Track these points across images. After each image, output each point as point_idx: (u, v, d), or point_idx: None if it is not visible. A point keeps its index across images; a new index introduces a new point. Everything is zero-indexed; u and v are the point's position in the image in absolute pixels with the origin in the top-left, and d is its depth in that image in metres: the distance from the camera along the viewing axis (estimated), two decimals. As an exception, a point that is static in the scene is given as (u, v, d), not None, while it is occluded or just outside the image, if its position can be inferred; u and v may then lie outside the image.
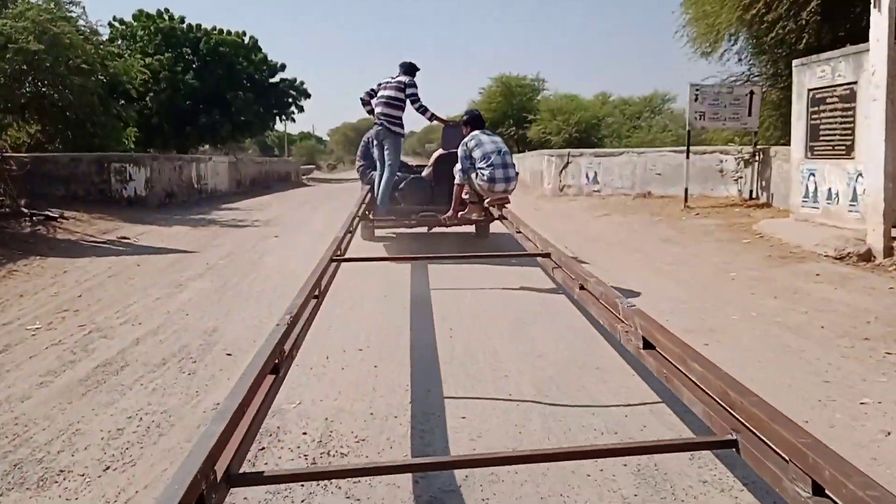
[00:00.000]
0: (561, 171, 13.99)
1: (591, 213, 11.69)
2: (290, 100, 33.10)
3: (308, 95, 33.35)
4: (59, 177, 11.19)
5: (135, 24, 29.43)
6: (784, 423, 1.56)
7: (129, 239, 8.89)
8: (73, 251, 7.86)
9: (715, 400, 1.87)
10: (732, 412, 1.79)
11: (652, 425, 2.95)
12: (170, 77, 27.69)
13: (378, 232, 8.41)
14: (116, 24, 29.73)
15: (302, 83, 33.15)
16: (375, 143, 7.71)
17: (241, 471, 1.74)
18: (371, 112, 7.71)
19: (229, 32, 30.26)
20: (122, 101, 15.31)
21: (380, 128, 7.52)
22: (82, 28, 13.21)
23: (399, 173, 7.75)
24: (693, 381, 2.01)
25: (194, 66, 29.28)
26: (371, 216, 7.58)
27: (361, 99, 7.90)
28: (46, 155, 11.73)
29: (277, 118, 33.50)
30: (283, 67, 32.47)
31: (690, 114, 10.73)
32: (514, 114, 43.05)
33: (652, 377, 2.67)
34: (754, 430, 1.67)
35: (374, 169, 7.80)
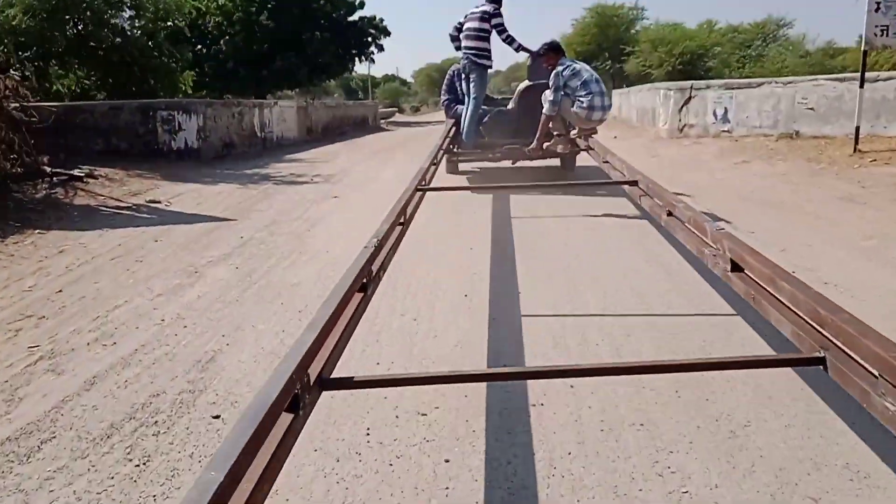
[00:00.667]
0: (681, 108, 11.55)
1: (725, 161, 9.34)
2: (370, 39, 31.20)
3: (388, 33, 31.36)
4: (98, 128, 9.79)
5: (207, -37, 27.99)
6: (875, 338, 1.52)
7: (159, 203, 7.37)
8: (85, 221, 6.38)
9: (803, 319, 1.84)
10: (822, 330, 1.74)
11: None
12: (244, 19, 26.29)
13: (462, 166, 8.42)
14: (189, -36, 28.44)
15: (381, 20, 31.14)
16: (462, 76, 7.69)
17: (333, 376, 1.82)
18: (459, 48, 7.58)
19: (304, -32, 28.41)
20: (179, 42, 13.77)
21: (465, 61, 7.48)
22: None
23: (484, 107, 7.68)
24: (781, 302, 1.99)
25: (269, 6, 27.74)
26: (455, 149, 7.54)
27: (450, 35, 7.71)
28: (81, 104, 10.37)
29: (357, 59, 31.73)
30: (361, 5, 30.49)
31: (869, 29, 8.09)
32: (610, 47, 39.59)
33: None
34: (843, 347, 1.64)
35: (460, 103, 7.83)
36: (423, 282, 4.09)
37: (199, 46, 28.18)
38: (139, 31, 11.04)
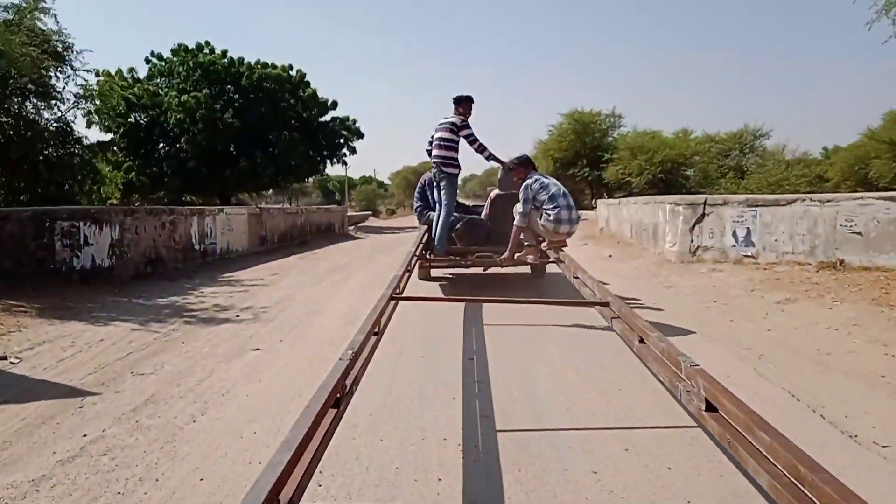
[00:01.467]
0: (693, 227, 9.82)
1: (761, 298, 7.46)
2: (342, 140, 29.99)
3: (361, 135, 30.23)
4: (-29, 243, 7.72)
5: (174, 59, 26.93)
6: (856, 503, 1.50)
7: (4, 359, 5.20)
8: None
9: (783, 472, 1.81)
10: (802, 487, 1.72)
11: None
12: (207, 117, 24.88)
13: (434, 272, 8.60)
14: (154, 59, 27.36)
15: (354, 121, 30.06)
16: (434, 183, 7.87)
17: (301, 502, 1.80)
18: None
19: (274, 66, 27.44)
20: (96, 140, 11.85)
21: (435, 169, 7.67)
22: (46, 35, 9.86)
23: (456, 213, 7.80)
24: (759, 451, 1.94)
25: (236, 103, 26.49)
26: (428, 255, 7.63)
27: (426, 150, 7.89)
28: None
29: (329, 161, 30.38)
30: (334, 105, 29.47)
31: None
32: (587, 153, 38.95)
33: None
34: None
35: (432, 209, 8.01)
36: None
37: (162, 144, 26.65)
38: (52, 122, 9.18)
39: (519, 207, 6.72)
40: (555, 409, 3.88)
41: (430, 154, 7.81)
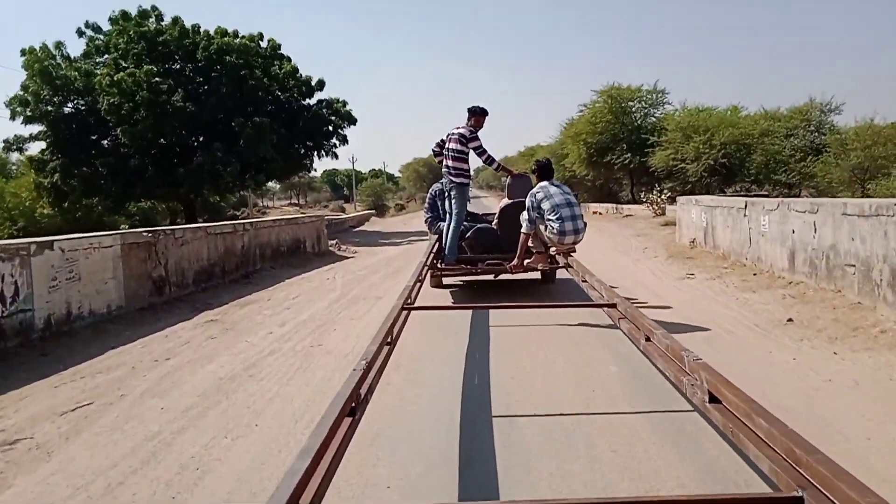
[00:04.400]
0: None
1: None
2: (331, 128, 24.24)
3: (353, 121, 24.42)
4: None
5: (112, 29, 21.26)
6: (851, 482, 1.59)
7: None
8: None
9: (781, 455, 1.92)
10: (798, 469, 1.81)
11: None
12: (151, 100, 19.21)
13: (445, 280, 8.52)
14: (90, 31, 21.70)
15: (345, 104, 24.25)
16: (446, 193, 7.95)
17: None
18: (441, 163, 7.95)
19: (238, 35, 21.68)
20: None
21: (445, 180, 7.87)
22: None
23: (466, 222, 7.95)
24: (759, 437, 2.07)
25: (189, 83, 20.84)
26: (439, 265, 7.64)
27: (433, 150, 8.21)
28: None
29: (314, 154, 24.65)
30: (320, 86, 23.66)
31: None
32: (626, 136, 32.91)
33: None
34: (820, 487, 1.69)
35: (442, 220, 8.13)
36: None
37: (97, 137, 21.05)
38: None
39: (525, 215, 6.86)
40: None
41: (435, 154, 8.16)
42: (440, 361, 5.17)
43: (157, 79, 19.39)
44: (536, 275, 8.06)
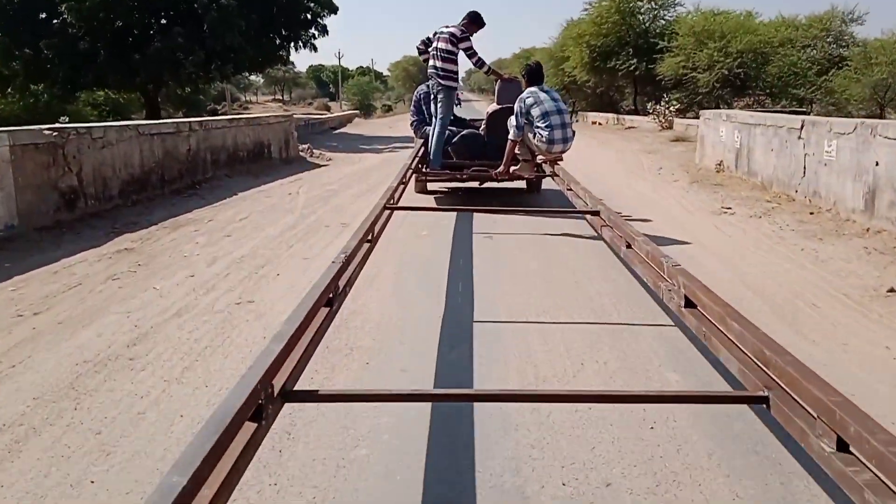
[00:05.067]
0: None
1: None
2: (309, 15, 21.77)
3: (335, 9, 21.95)
4: None
5: None
6: (815, 381, 1.58)
7: None
8: None
9: (750, 358, 1.90)
10: (766, 370, 1.80)
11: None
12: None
13: (430, 185, 8.42)
14: None
15: (324, -11, 21.69)
16: (431, 96, 7.72)
17: (297, 388, 1.87)
18: (426, 62, 7.67)
19: None
20: None
21: (433, 80, 7.56)
22: None
23: (453, 128, 7.78)
24: (731, 340, 2.04)
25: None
26: (424, 169, 7.50)
27: (418, 48, 7.89)
28: None
29: (291, 44, 22.25)
30: (298, -33, 21.02)
31: None
32: (633, 40, 30.41)
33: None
34: (785, 388, 1.69)
35: (428, 124, 7.91)
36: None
37: (42, 14, 18.58)
38: None
39: (512, 121, 6.64)
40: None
41: (420, 53, 7.87)
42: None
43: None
44: (522, 184, 8.02)
